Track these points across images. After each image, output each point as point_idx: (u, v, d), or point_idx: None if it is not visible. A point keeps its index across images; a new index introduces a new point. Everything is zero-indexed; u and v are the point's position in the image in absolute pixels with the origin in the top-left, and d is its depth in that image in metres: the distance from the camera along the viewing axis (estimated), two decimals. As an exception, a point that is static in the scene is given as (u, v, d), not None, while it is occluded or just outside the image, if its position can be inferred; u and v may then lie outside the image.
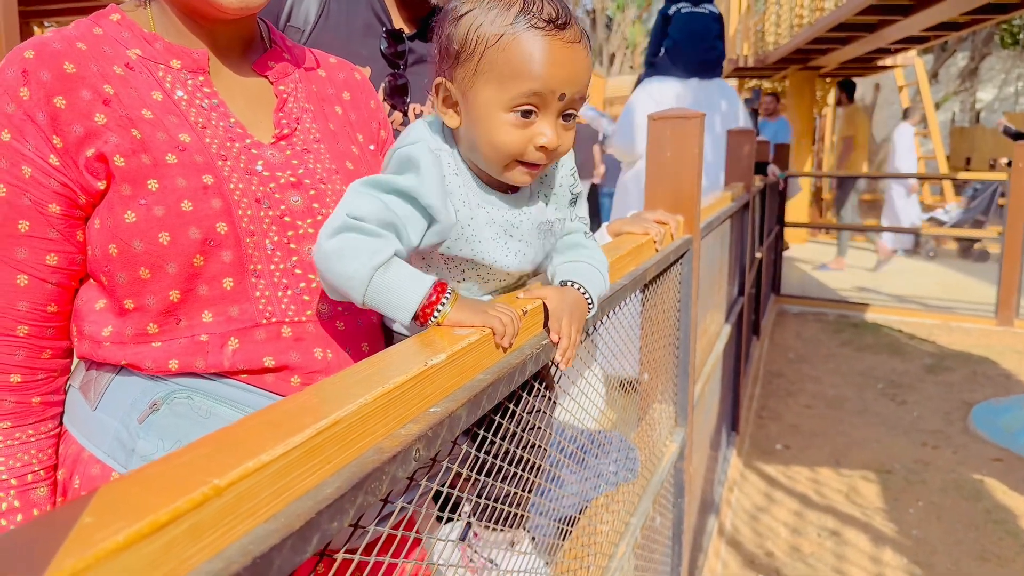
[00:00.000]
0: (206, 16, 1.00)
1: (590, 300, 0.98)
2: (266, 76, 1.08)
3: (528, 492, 1.00)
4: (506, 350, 0.83)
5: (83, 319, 0.96)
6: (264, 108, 1.07)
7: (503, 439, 0.88)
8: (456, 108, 0.93)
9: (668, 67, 4.00)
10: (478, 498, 0.94)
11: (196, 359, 0.93)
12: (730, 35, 11.05)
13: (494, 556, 1.04)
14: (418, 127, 0.97)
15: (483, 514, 0.98)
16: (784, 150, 6.85)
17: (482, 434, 0.83)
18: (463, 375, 0.76)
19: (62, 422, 1.01)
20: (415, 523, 1.08)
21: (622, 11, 22.54)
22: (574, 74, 0.89)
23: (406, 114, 1.60)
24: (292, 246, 0.99)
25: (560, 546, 1.21)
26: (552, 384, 1.02)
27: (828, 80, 11.83)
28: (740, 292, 3.81)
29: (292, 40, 1.20)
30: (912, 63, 11.33)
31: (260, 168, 1.00)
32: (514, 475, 0.94)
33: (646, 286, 1.57)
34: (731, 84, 13.00)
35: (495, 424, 0.85)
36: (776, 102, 9.15)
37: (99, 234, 0.92)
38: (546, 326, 0.93)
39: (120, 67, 0.96)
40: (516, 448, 0.92)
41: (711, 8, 4.09)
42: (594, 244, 1.08)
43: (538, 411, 0.96)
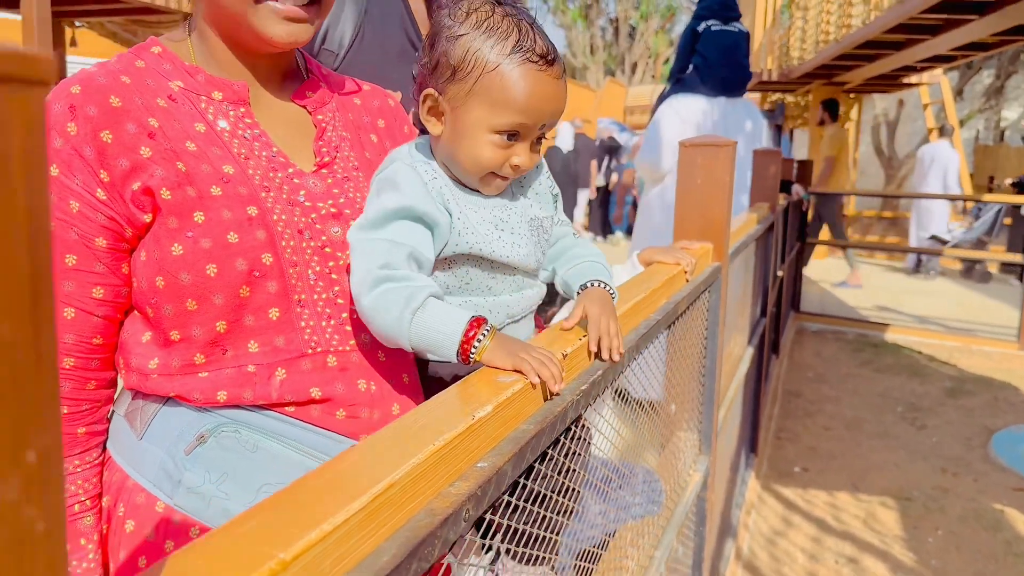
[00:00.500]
0: (251, 49, 1.02)
1: (612, 291, 1.06)
2: (304, 106, 1.09)
3: (557, 534, 1.00)
4: (548, 397, 0.84)
5: (130, 352, 0.97)
6: (304, 137, 1.08)
7: (539, 483, 0.88)
8: (441, 119, 1.01)
9: (696, 84, 3.99)
10: (509, 541, 0.94)
11: (244, 390, 0.94)
12: (754, 48, 11.02)
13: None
14: (394, 152, 1.06)
15: (513, 546, 0.98)
16: (807, 167, 6.81)
17: (522, 482, 0.83)
18: (507, 425, 0.76)
19: (105, 448, 1.02)
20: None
21: (645, 21, 22.53)
22: (556, 108, 0.99)
23: None
24: (334, 276, 1.01)
25: (587, 582, 1.20)
26: (584, 423, 1.02)
27: (852, 96, 11.77)
28: (763, 313, 3.79)
29: (327, 66, 1.21)
30: (938, 81, 11.26)
31: (302, 198, 1.01)
32: (547, 517, 0.94)
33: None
34: (754, 97, 12.97)
35: (534, 471, 0.85)
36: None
37: (145, 267, 0.93)
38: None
39: (163, 99, 0.97)
40: (551, 492, 0.92)
41: (740, 26, 4.07)
42: (584, 241, 1.17)
43: (575, 453, 0.96)
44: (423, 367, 1.12)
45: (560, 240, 1.15)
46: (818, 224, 8.38)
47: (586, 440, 1.01)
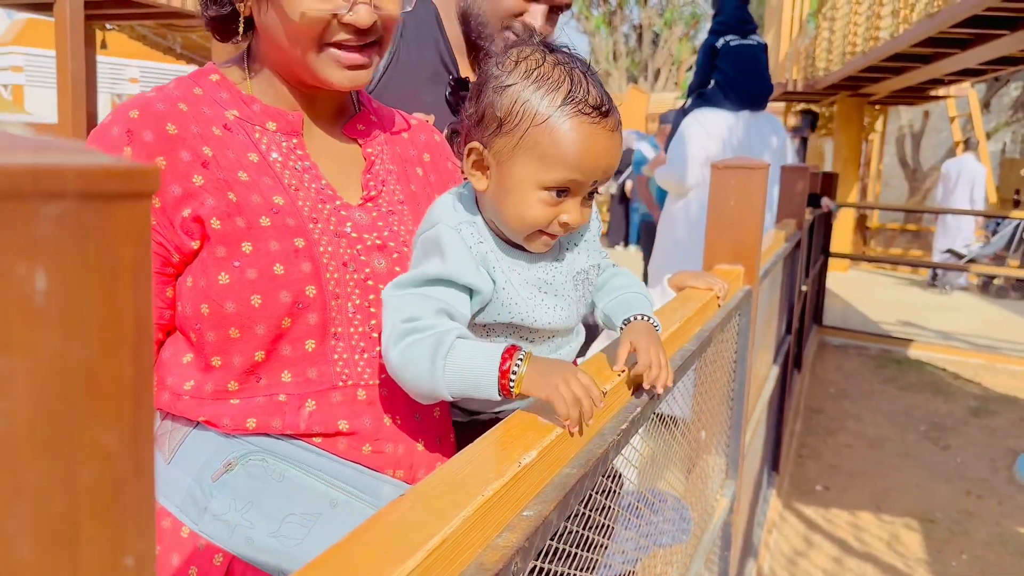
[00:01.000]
0: (308, 88, 1.03)
1: (656, 324, 1.00)
2: (355, 138, 1.11)
3: (591, 572, 0.99)
4: (572, 435, 0.80)
5: (168, 371, 0.98)
6: (352, 170, 1.09)
7: (576, 523, 0.88)
8: (486, 173, 0.95)
9: (719, 99, 3.98)
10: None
11: (274, 419, 0.94)
12: (779, 58, 10.96)
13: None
14: (437, 206, 0.99)
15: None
16: (832, 179, 6.76)
17: (563, 526, 0.83)
18: (550, 470, 0.76)
19: None
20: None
21: (669, 28, 22.48)
22: (611, 164, 0.93)
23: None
24: (372, 310, 1.01)
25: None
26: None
27: (877, 107, 11.68)
28: (787, 330, 3.77)
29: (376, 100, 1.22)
30: (966, 94, 11.16)
31: (349, 229, 1.02)
32: (581, 556, 0.94)
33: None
34: (778, 108, 12.89)
35: (575, 512, 0.85)
36: None
37: (191, 293, 0.94)
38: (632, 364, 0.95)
39: (219, 128, 0.98)
40: (586, 531, 0.92)
41: (758, 39, 4.07)
42: (623, 271, 1.12)
43: (611, 491, 0.96)
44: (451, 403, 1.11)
45: (602, 272, 1.10)
46: None
47: (620, 476, 1.01)
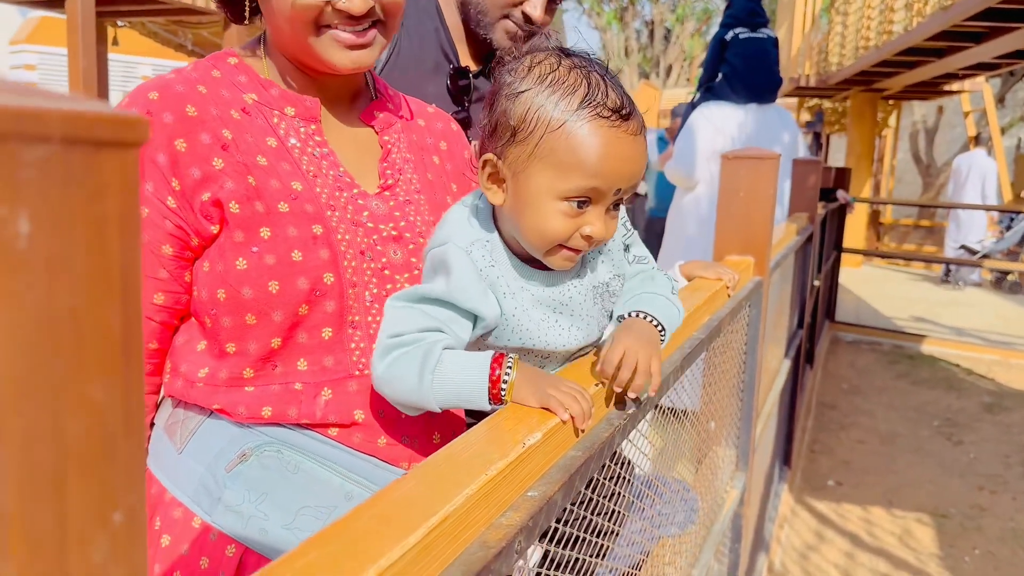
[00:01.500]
0: (318, 72, 1.03)
1: (660, 328, 0.90)
2: (372, 126, 1.10)
3: (600, 556, 0.99)
4: (578, 434, 0.78)
5: (182, 357, 0.97)
6: (370, 157, 1.08)
7: (585, 509, 0.88)
8: (502, 186, 0.89)
9: (727, 93, 3.97)
10: (553, 567, 0.93)
11: (289, 408, 0.94)
12: (792, 53, 10.90)
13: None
14: (450, 221, 0.94)
15: (554, 571, 0.98)
16: (845, 174, 6.72)
17: (568, 508, 0.82)
18: (555, 452, 0.75)
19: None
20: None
21: (681, 23, 22.39)
22: (635, 170, 0.86)
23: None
24: None
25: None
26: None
27: (891, 103, 11.60)
28: (799, 324, 3.75)
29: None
30: (980, 89, 11.07)
31: (366, 219, 1.01)
32: (590, 542, 0.93)
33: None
34: (791, 103, 12.82)
35: (580, 496, 0.84)
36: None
37: (208, 278, 0.94)
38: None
39: (237, 111, 0.98)
40: (594, 515, 0.91)
41: (768, 32, 4.05)
42: (660, 275, 1.02)
43: (619, 476, 0.95)
44: None
45: (632, 278, 1.02)
46: None
47: (628, 462, 1.00)
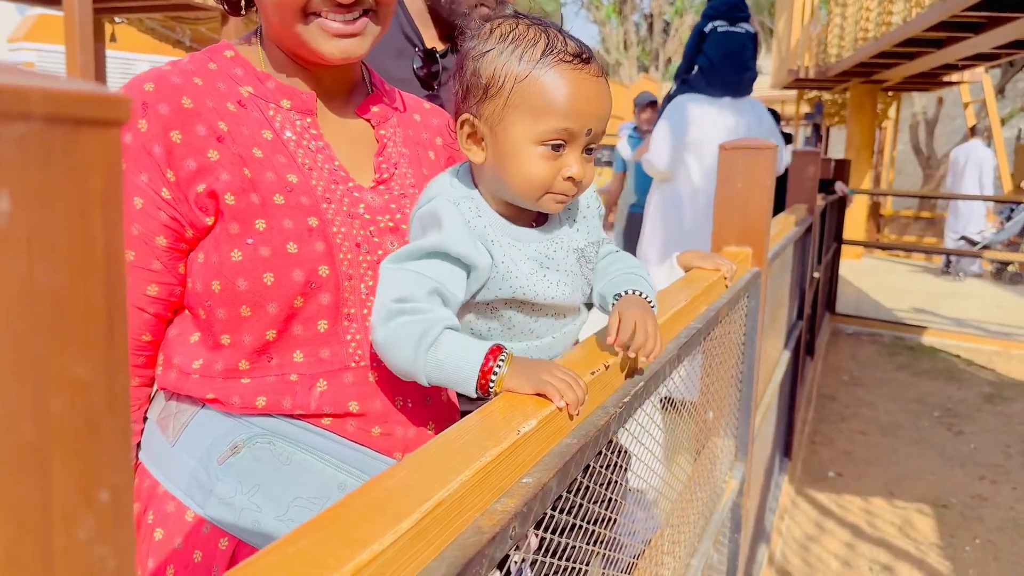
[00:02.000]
0: (310, 62, 1.02)
1: (651, 301, 0.98)
2: (368, 120, 1.10)
3: (601, 544, 0.99)
4: (572, 418, 0.79)
5: (175, 349, 0.97)
6: (365, 151, 1.08)
7: (581, 497, 0.88)
8: (481, 144, 0.94)
9: (701, 85, 3.99)
10: (550, 555, 0.94)
11: (284, 398, 0.94)
12: (791, 45, 10.88)
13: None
14: (434, 184, 0.99)
15: (556, 559, 0.98)
16: (845, 165, 6.72)
17: (564, 496, 0.83)
18: (551, 439, 0.75)
19: (138, 455, 1.02)
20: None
21: (680, 16, 22.35)
22: (602, 110, 0.92)
23: None
24: None
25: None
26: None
27: (890, 94, 11.58)
28: (799, 315, 3.75)
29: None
30: (979, 79, 11.05)
31: (362, 211, 1.01)
32: (588, 531, 0.94)
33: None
34: (790, 95, 12.80)
35: (576, 484, 0.85)
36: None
37: (203, 269, 0.94)
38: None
39: (233, 104, 0.98)
40: (591, 503, 0.92)
41: (747, 27, 4.06)
42: (625, 255, 1.09)
43: (616, 465, 0.95)
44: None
45: (604, 257, 1.08)
46: None
47: (627, 453, 1.00)
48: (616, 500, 0.99)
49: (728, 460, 1.88)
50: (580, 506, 0.88)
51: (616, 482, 0.96)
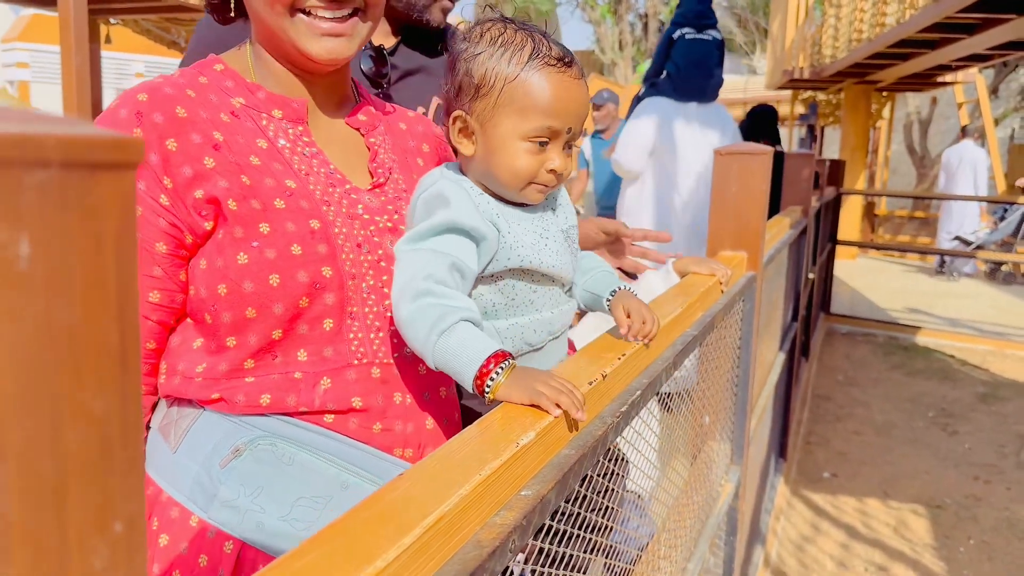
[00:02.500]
0: (300, 66, 1.04)
1: (636, 293, 1.10)
2: (357, 128, 1.12)
3: (592, 552, 1.00)
4: (573, 428, 0.80)
5: (178, 357, 0.98)
6: (358, 158, 1.11)
7: (579, 506, 0.89)
8: (472, 138, 1.01)
9: (669, 90, 4.12)
10: (548, 565, 0.94)
11: (288, 395, 0.95)
12: (786, 46, 10.91)
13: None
14: (428, 175, 1.05)
15: (553, 568, 0.99)
16: (839, 166, 6.74)
17: (562, 506, 0.83)
18: (549, 451, 0.76)
19: None
20: None
21: (675, 16, 22.38)
22: (581, 110, 1.01)
23: None
24: (386, 290, 1.03)
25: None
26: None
27: (884, 94, 11.62)
28: (794, 317, 3.76)
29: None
30: (973, 80, 11.09)
31: (361, 211, 1.04)
32: (586, 539, 0.94)
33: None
34: (784, 95, 12.83)
35: (575, 493, 0.85)
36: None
37: (207, 275, 0.95)
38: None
39: (227, 115, 0.99)
40: (589, 512, 0.92)
41: (714, 34, 4.19)
42: (587, 253, 1.18)
43: (615, 474, 0.96)
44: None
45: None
46: None
47: (625, 460, 1.01)
48: (613, 508, 1.00)
49: (724, 463, 1.89)
50: (577, 515, 0.89)
51: (613, 490, 0.97)
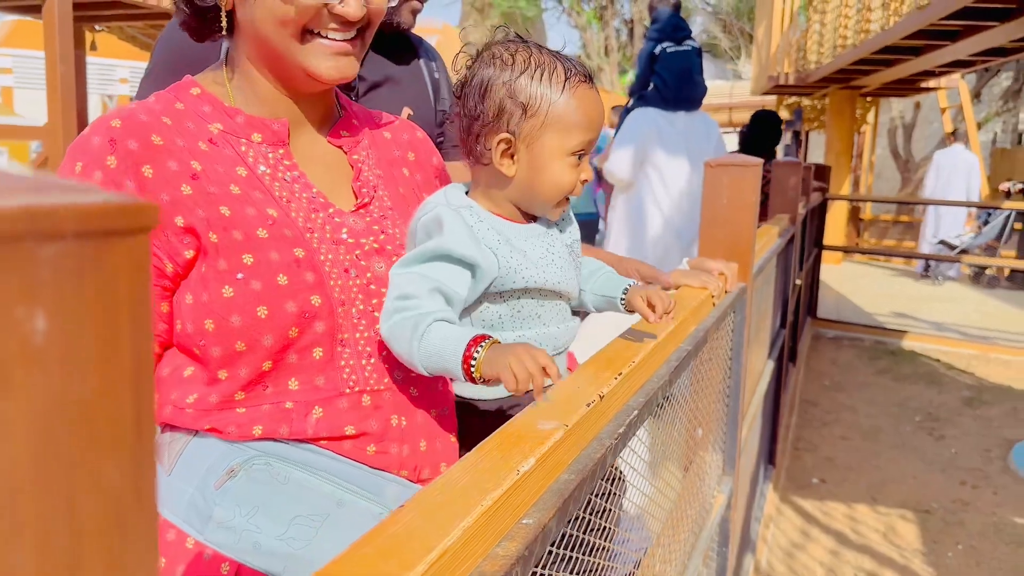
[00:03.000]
0: (297, 86, 1.02)
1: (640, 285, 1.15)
2: (340, 146, 1.10)
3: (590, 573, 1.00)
4: (534, 392, 0.86)
5: (169, 387, 0.98)
6: (341, 177, 1.09)
7: (578, 529, 0.88)
8: (514, 159, 1.05)
9: (657, 101, 4.29)
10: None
11: (280, 426, 0.95)
12: (771, 51, 10.96)
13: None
14: (431, 198, 1.08)
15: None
16: (825, 171, 6.78)
17: (563, 531, 0.83)
18: (548, 476, 0.76)
19: None
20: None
21: (660, 21, 22.46)
22: (603, 119, 1.09)
23: None
24: (376, 314, 1.02)
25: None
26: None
27: (869, 100, 11.69)
28: (782, 323, 3.78)
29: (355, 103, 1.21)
30: (956, 85, 11.18)
31: (345, 235, 1.02)
32: (583, 561, 0.94)
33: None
34: (769, 100, 12.90)
35: (575, 517, 0.85)
36: None
37: (193, 310, 0.94)
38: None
39: (204, 143, 0.98)
40: (585, 534, 0.92)
41: (692, 43, 4.40)
42: (585, 259, 1.23)
43: (611, 494, 0.96)
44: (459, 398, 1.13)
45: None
46: None
47: (622, 477, 1.01)
48: (611, 528, 0.99)
49: (716, 475, 1.89)
50: (575, 538, 0.88)
51: (611, 510, 0.97)
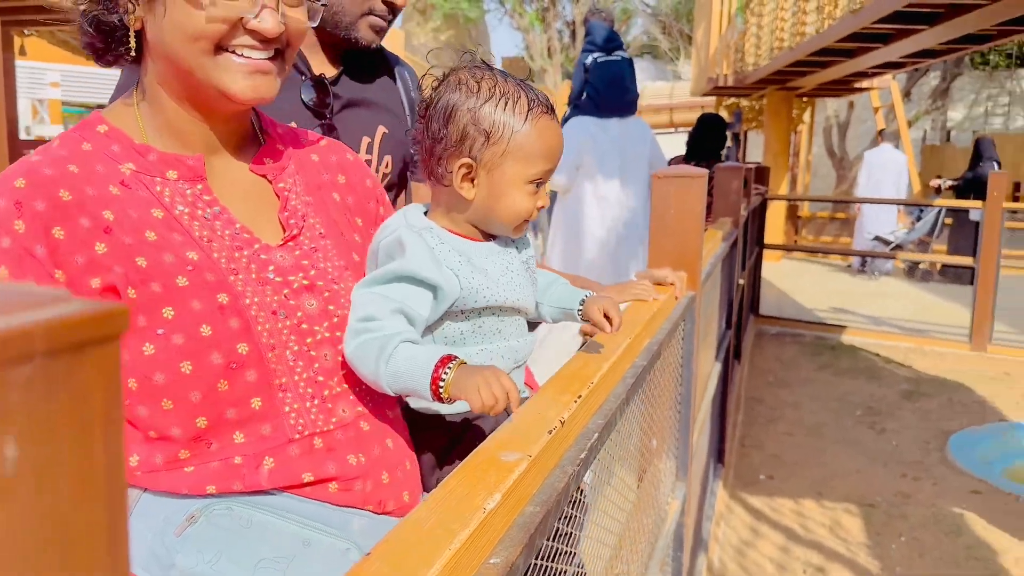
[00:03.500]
0: (210, 109, 0.97)
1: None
2: (264, 175, 1.04)
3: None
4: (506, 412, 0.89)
5: None
6: (266, 208, 1.03)
7: (543, 558, 0.88)
8: (474, 183, 1.07)
9: (591, 109, 4.44)
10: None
11: (233, 482, 0.91)
12: (710, 53, 11.15)
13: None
14: (391, 219, 1.09)
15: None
16: (764, 172, 6.92)
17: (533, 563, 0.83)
18: (513, 510, 0.75)
19: None
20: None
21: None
22: (562, 152, 1.12)
23: None
24: (312, 353, 0.98)
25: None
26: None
27: (805, 100, 11.97)
28: (727, 324, 3.84)
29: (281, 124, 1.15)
30: (888, 85, 11.51)
31: (272, 274, 0.97)
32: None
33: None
34: (708, 102, 13.12)
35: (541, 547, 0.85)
36: None
37: None
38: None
39: (116, 186, 0.91)
40: (551, 563, 0.92)
41: (622, 54, 4.60)
42: (539, 271, 1.25)
43: (574, 518, 0.96)
44: (412, 422, 1.12)
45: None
46: None
47: (582, 502, 1.01)
48: (574, 552, 0.99)
49: (670, 482, 1.92)
50: (541, 567, 0.88)
51: (573, 534, 0.97)
